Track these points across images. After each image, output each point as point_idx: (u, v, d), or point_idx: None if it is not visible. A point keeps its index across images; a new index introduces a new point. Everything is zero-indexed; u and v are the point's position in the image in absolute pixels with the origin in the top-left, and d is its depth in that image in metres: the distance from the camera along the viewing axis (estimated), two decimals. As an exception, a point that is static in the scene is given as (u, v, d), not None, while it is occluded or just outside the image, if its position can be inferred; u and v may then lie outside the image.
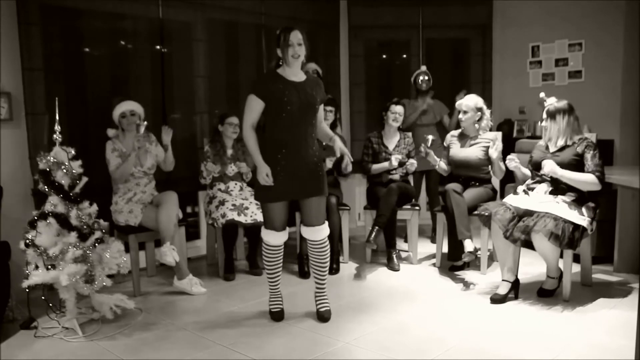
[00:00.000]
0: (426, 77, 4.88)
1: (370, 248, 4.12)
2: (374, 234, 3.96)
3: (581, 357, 2.61)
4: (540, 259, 3.51)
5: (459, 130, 4.17)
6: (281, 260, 3.20)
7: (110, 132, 3.79)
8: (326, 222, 3.16)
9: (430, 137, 4.13)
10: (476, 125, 4.01)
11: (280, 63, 3.03)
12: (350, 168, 3.24)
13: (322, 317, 3.17)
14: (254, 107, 3.02)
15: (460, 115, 4.06)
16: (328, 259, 3.18)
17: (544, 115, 3.49)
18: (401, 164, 4.22)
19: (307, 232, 3.12)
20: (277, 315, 3.22)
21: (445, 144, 4.24)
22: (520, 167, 3.58)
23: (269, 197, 3.03)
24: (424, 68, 4.98)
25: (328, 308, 3.21)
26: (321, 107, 3.16)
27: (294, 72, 3.04)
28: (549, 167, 3.30)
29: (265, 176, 2.96)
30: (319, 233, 3.10)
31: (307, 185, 3.03)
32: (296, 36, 2.95)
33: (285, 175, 2.99)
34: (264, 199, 3.07)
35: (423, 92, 4.89)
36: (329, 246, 3.16)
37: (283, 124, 2.99)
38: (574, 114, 3.44)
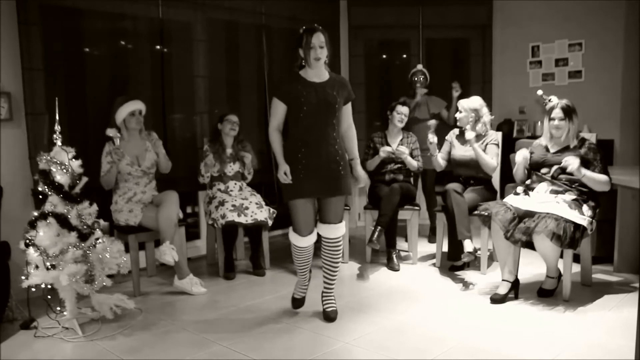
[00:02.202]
0: (422, 77, 4.88)
1: (373, 248, 4.12)
2: (376, 234, 3.96)
3: (581, 357, 2.61)
4: (540, 259, 3.51)
5: (460, 129, 4.17)
6: (309, 258, 3.24)
7: (111, 131, 3.60)
8: (343, 222, 3.17)
9: (432, 138, 4.06)
10: (468, 126, 4.03)
11: (303, 64, 3.05)
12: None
13: (329, 316, 3.17)
14: (277, 109, 3.07)
15: (457, 114, 4.09)
16: (340, 258, 3.21)
17: (559, 114, 3.42)
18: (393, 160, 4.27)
19: (324, 230, 3.13)
20: (297, 303, 3.34)
21: (447, 138, 4.23)
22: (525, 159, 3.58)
23: (291, 194, 3.06)
24: (419, 67, 4.97)
25: (335, 308, 3.22)
26: (347, 107, 3.16)
27: (316, 72, 3.05)
28: (574, 163, 3.25)
29: (283, 174, 3.01)
30: (335, 231, 3.11)
31: (328, 184, 3.06)
32: (318, 38, 2.96)
33: (306, 173, 3.02)
34: (287, 197, 3.09)
35: (419, 91, 4.90)
36: (342, 246, 3.19)
37: (302, 123, 3.03)
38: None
